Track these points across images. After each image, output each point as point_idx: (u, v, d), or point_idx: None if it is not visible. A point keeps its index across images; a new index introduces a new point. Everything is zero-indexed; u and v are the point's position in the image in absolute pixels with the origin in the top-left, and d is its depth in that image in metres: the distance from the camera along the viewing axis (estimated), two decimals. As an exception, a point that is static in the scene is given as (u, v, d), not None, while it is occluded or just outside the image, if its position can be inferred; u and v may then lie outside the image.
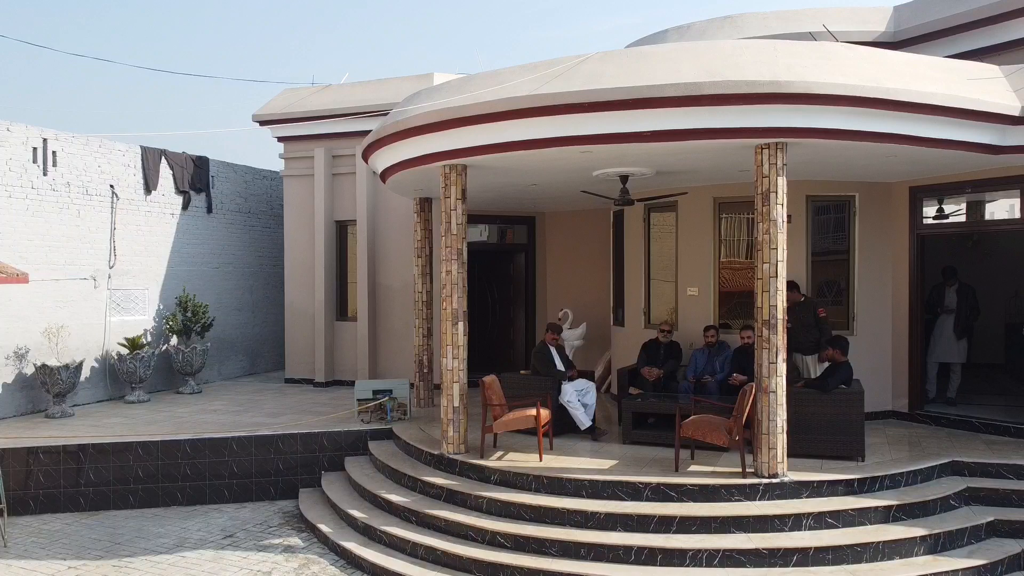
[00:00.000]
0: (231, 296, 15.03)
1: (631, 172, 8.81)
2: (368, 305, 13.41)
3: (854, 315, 9.80)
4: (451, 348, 8.33)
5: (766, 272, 7.14)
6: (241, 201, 15.30)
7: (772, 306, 7.12)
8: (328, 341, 13.74)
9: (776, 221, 7.12)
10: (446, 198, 8.34)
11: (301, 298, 14.08)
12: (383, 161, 9.19)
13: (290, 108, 13.87)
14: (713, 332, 9.63)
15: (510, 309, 14.15)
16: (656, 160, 8.18)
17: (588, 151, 7.53)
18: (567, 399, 9.08)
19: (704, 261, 10.18)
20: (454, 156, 8.02)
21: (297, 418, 10.79)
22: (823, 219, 9.99)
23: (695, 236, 10.26)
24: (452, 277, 8.32)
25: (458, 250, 8.33)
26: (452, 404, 8.33)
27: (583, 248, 13.48)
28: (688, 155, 7.82)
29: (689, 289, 10.36)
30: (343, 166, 13.74)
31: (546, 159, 7.99)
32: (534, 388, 9.09)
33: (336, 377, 13.83)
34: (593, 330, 12.76)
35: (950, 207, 9.70)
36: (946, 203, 9.62)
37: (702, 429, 7.50)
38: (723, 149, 7.40)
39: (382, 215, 13.55)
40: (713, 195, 10.08)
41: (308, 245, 13.97)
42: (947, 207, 9.64)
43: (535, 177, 9.38)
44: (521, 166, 8.47)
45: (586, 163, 8.32)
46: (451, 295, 8.33)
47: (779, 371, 7.14)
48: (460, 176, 8.31)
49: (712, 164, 8.42)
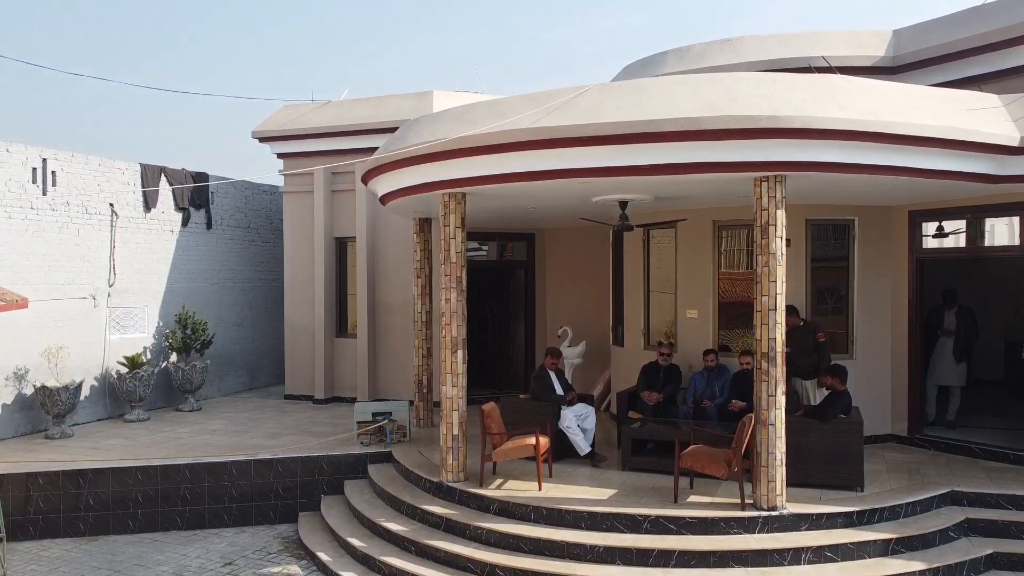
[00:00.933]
0: (231, 312, 15.04)
1: (630, 198, 8.81)
2: (368, 322, 13.42)
3: (853, 338, 9.81)
4: (450, 376, 8.34)
5: (765, 304, 7.15)
6: (241, 216, 15.31)
7: (771, 339, 7.13)
8: (328, 358, 13.74)
9: (775, 254, 7.12)
10: (445, 226, 8.34)
11: (301, 314, 14.09)
12: (383, 187, 9.19)
13: (289, 125, 13.88)
14: (713, 356, 9.63)
15: (509, 325, 14.17)
16: (655, 188, 8.18)
17: (587, 183, 7.54)
18: (566, 424, 9.08)
19: (703, 283, 10.19)
20: (454, 185, 8.03)
21: (297, 439, 10.80)
22: (822, 242, 10.00)
23: (694, 258, 10.26)
24: (451, 305, 8.32)
25: (457, 278, 8.33)
26: (451, 432, 8.34)
27: (583, 265, 13.48)
28: (687, 185, 7.82)
29: (689, 312, 10.36)
30: (343, 183, 13.75)
31: (545, 188, 7.99)
32: (533, 413, 9.10)
33: (336, 394, 13.83)
34: (592, 347, 12.77)
35: (949, 231, 9.70)
36: (945, 227, 9.62)
37: (701, 460, 7.51)
38: (722, 180, 7.41)
39: (382, 232, 13.55)
40: (712, 218, 10.09)
41: (307, 262, 13.98)
42: (946, 231, 9.64)
43: (534, 202, 9.38)
44: (520, 193, 8.47)
45: (585, 191, 8.33)
46: (450, 323, 8.33)
47: (778, 403, 7.15)
48: (460, 204, 8.32)
49: (711, 192, 8.43)
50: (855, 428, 7.88)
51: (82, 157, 12.12)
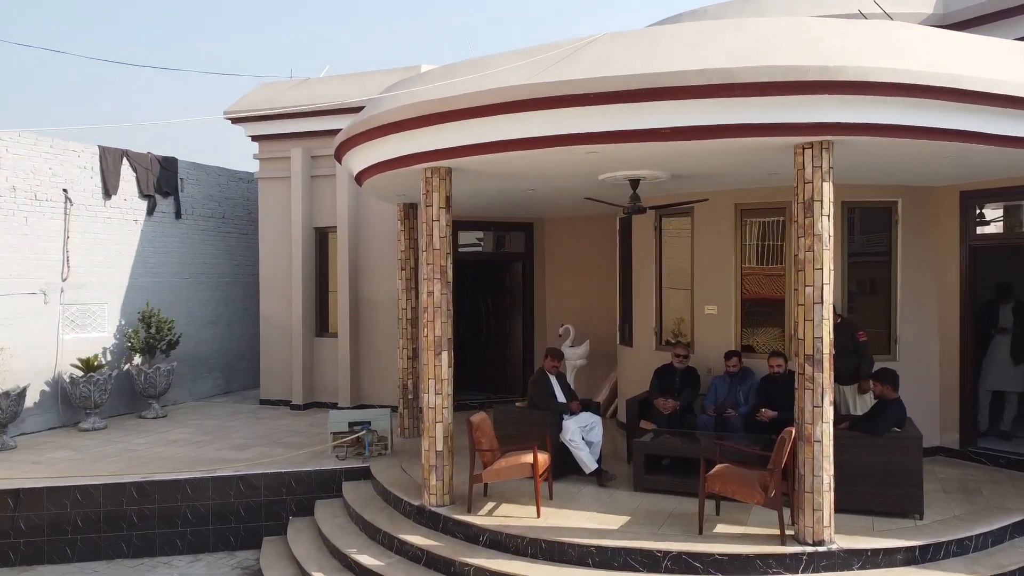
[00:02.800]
0: (204, 309, 13.82)
1: (642, 176, 7.61)
2: (350, 320, 12.21)
3: (896, 338, 8.59)
4: (434, 382, 7.12)
5: (809, 297, 5.93)
6: (215, 205, 14.09)
7: (817, 338, 5.91)
8: (306, 360, 12.53)
9: (822, 236, 5.91)
10: (427, 206, 7.13)
11: (277, 312, 12.87)
12: (357, 162, 7.98)
13: (265, 104, 12.66)
14: (736, 360, 8.43)
15: (506, 323, 12.95)
16: (673, 162, 6.97)
17: (594, 152, 6.33)
18: (569, 438, 7.87)
19: (724, 275, 8.97)
20: (436, 157, 6.81)
21: (266, 451, 9.60)
22: (860, 228, 8.78)
23: (714, 247, 9.05)
24: (435, 299, 7.11)
25: (442, 267, 7.12)
26: (435, 448, 7.12)
27: (586, 257, 12.27)
28: (712, 156, 6.61)
29: (707, 307, 9.15)
30: (323, 167, 12.54)
31: (544, 161, 6.79)
32: (531, 424, 7.90)
33: (316, 399, 12.62)
34: (597, 347, 11.56)
35: (1008, 214, 8.50)
36: (1003, 210, 8.40)
37: (731, 484, 6.29)
38: (756, 149, 6.19)
39: (366, 221, 12.34)
40: (735, 201, 8.87)
41: (284, 254, 12.76)
42: (1004, 214, 8.43)
43: (532, 182, 8.17)
44: (515, 169, 7.26)
45: (591, 166, 7.12)
46: (434, 320, 7.11)
47: (825, 415, 5.94)
48: (444, 181, 7.11)
49: (739, 166, 7.22)
50: (912, 444, 6.67)
51: (31, 138, 10.91)
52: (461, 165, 6.97)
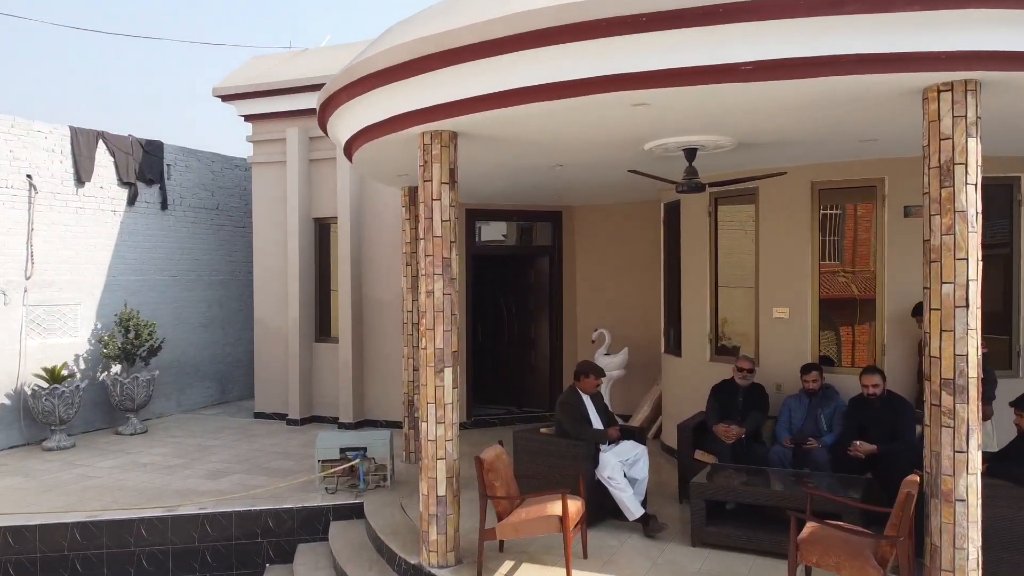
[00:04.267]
0: (194, 310, 12.41)
1: (701, 144, 5.97)
2: (353, 323, 10.69)
3: (1019, 349, 6.84)
4: (434, 407, 5.54)
5: (947, 299, 4.25)
6: (207, 195, 12.67)
7: (959, 356, 4.23)
8: (304, 368, 11.04)
9: (966, 213, 4.23)
10: (426, 181, 5.55)
11: (272, 314, 11.41)
12: (343, 128, 6.44)
13: (258, 79, 11.20)
14: (817, 376, 6.75)
15: (531, 327, 11.34)
16: (745, 121, 5.32)
17: (643, 103, 4.70)
18: (608, 475, 6.26)
19: (798, 271, 7.30)
20: (436, 116, 5.23)
21: (246, 480, 8.12)
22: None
23: (785, 236, 7.37)
24: (436, 301, 5.53)
25: (444, 260, 5.53)
26: (435, 492, 5.54)
27: (624, 250, 10.62)
28: (801, 110, 4.94)
29: (776, 310, 7.47)
30: (322, 149, 11.04)
31: (576, 122, 5.19)
32: (559, 458, 6.30)
33: (315, 413, 11.13)
34: (637, 355, 9.94)
35: None
36: None
37: (834, 554, 4.61)
38: (868, 96, 4.52)
39: (371, 210, 10.81)
40: (811, 179, 7.19)
41: (280, 248, 11.29)
42: None
43: (560, 154, 6.56)
44: (538, 134, 5.66)
45: (635, 128, 5.50)
46: (434, 328, 5.53)
47: (972, 465, 4.26)
48: (447, 149, 5.52)
49: (830, 127, 5.54)
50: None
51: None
52: (468, 127, 5.39)
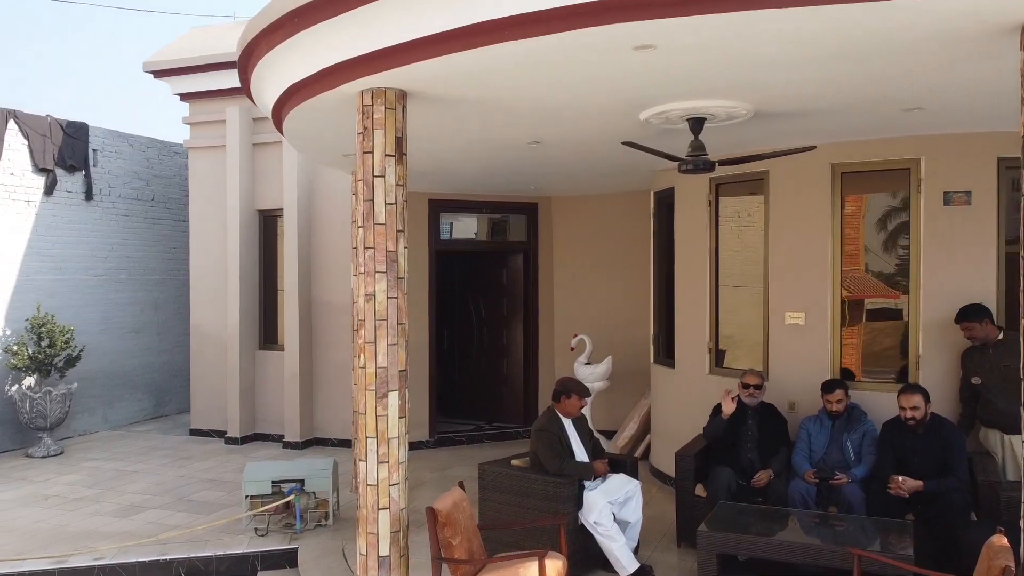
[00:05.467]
0: (125, 314, 11.06)
1: (712, 111, 4.84)
2: (301, 329, 9.43)
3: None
4: (374, 443, 4.32)
5: (1062, 305, 3.15)
6: (141, 185, 11.33)
7: (1079, 383, 3.13)
8: (246, 379, 9.76)
9: (1089, 188, 3.12)
10: (366, 153, 4.35)
11: (210, 319, 10.11)
12: (267, 88, 5.20)
13: (196, 52, 9.91)
14: (842, 395, 5.64)
15: (503, 333, 10.16)
16: (769, 78, 4.18)
17: (647, 46, 3.55)
18: (594, 519, 5.09)
19: (815, 269, 6.19)
20: (378, 66, 4.02)
21: (165, 517, 6.86)
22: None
23: (799, 227, 6.27)
24: (377, 307, 4.32)
25: (389, 253, 4.33)
26: (376, 553, 4.32)
27: (608, 246, 9.49)
28: (842, 59, 3.82)
29: (790, 315, 6.35)
30: (268, 131, 9.71)
31: (557, 77, 4.02)
32: (535, 498, 5.13)
33: (258, 430, 9.86)
34: (622, 365, 8.80)
35: None
36: None
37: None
38: (949, 32, 3.41)
39: (323, 201, 9.56)
40: (832, 160, 6.09)
41: (220, 244, 9.99)
42: None
43: (538, 125, 5.39)
44: (510, 95, 4.48)
45: (632, 88, 4.35)
46: (375, 341, 4.32)
47: (1094, 531, 3.15)
48: (393, 111, 4.31)
49: (875, 84, 4.43)
50: None
51: None
52: (420, 84, 4.19)
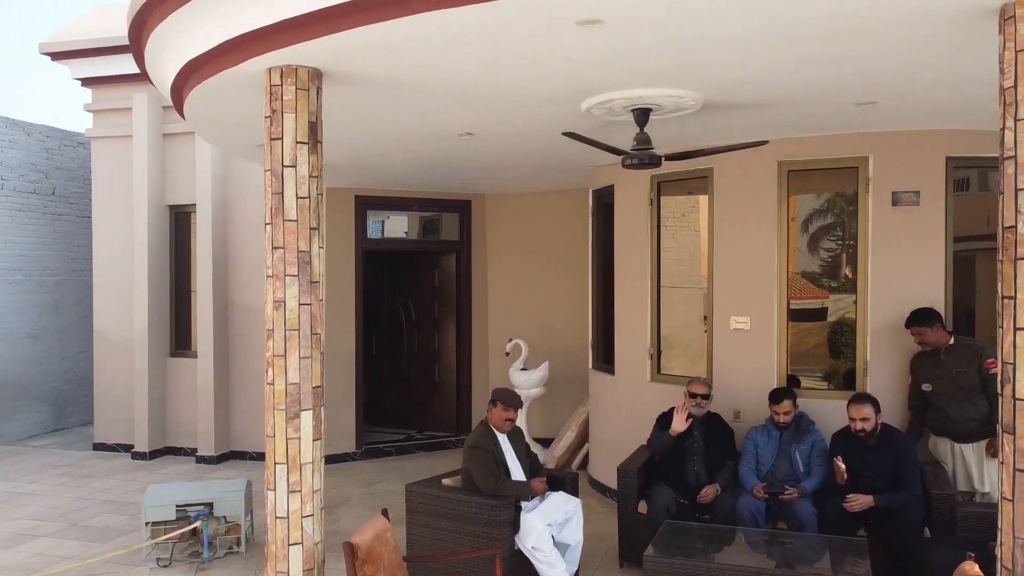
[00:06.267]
0: (22, 318, 10.14)
1: (658, 101, 4.48)
2: (216, 334, 8.74)
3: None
4: (284, 471, 3.80)
5: (1045, 313, 2.86)
6: (39, 177, 10.41)
7: (1064, 399, 2.85)
8: (155, 388, 9.01)
9: (1075, 185, 2.85)
10: (274, 140, 3.82)
11: (116, 323, 9.31)
12: (164, 66, 4.61)
13: (98, 33, 9.10)
14: (790, 405, 5.36)
15: (435, 337, 9.67)
16: (722, 62, 3.84)
17: (593, 20, 3.14)
18: (532, 544, 4.67)
19: (762, 273, 5.92)
20: (287, 38, 3.51)
21: (53, 545, 6.14)
22: (964, 198, 5.85)
23: (746, 229, 5.99)
24: (288, 315, 3.80)
25: (301, 254, 3.82)
26: (286, 595, 3.80)
27: (545, 248, 9.10)
28: (806, 42, 3.50)
29: (735, 319, 6.07)
30: (180, 121, 8.97)
31: (490, 56, 3.59)
32: (468, 523, 4.68)
33: (169, 443, 9.12)
34: (560, 371, 8.43)
35: None
36: None
37: None
38: (924, 14, 3.11)
39: (239, 196, 8.88)
40: (779, 157, 5.82)
41: (127, 242, 9.20)
42: None
43: (469, 114, 4.94)
44: (437, 77, 4.03)
45: (573, 72, 3.95)
46: (285, 355, 3.80)
47: (1079, 561, 2.88)
48: (305, 92, 3.80)
49: (830, 73, 4.14)
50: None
51: None
52: (336, 61, 3.69)
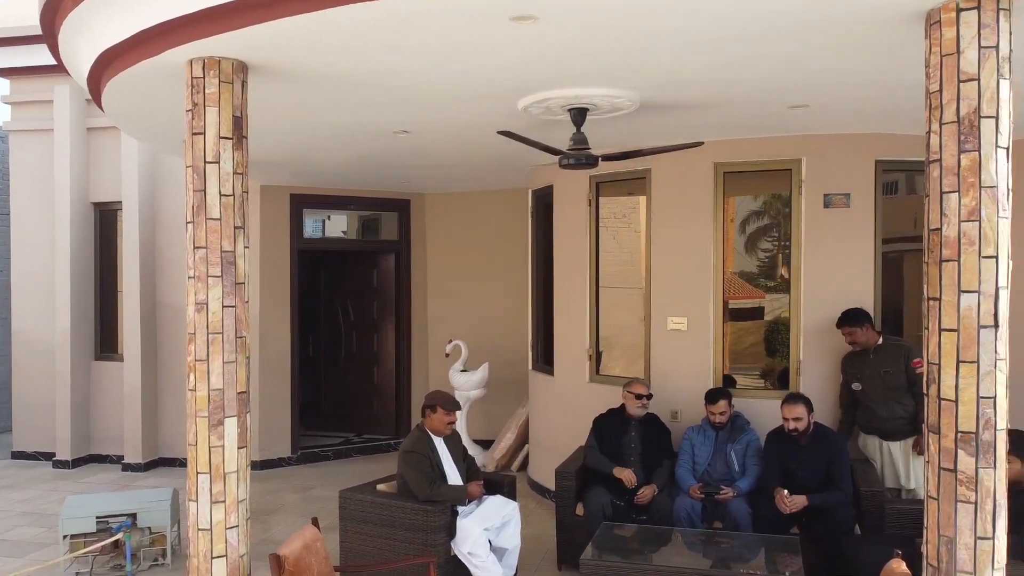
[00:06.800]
0: (-68, 320, 9.62)
1: (595, 100, 4.45)
2: (143, 337, 8.42)
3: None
4: (207, 481, 3.64)
5: (968, 316, 2.91)
6: (-47, 171, 9.89)
7: (984, 399, 2.91)
8: (78, 393, 8.64)
9: (996, 191, 2.91)
10: (196, 135, 3.65)
11: (36, 324, 8.88)
12: (79, 56, 4.38)
13: (16, 21, 8.67)
14: (725, 406, 5.40)
15: (374, 338, 9.51)
16: (660, 62, 3.83)
17: (527, 16, 3.08)
18: (468, 549, 4.59)
19: (698, 274, 5.96)
20: (209, 27, 3.35)
21: (-36, 561, 5.80)
22: (894, 200, 5.99)
23: (682, 230, 6.02)
24: (211, 318, 3.64)
25: (225, 254, 3.66)
26: (209, 611, 3.64)
27: (485, 248, 9.03)
28: (742, 41, 3.51)
29: (672, 320, 6.10)
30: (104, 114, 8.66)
31: (422, 50, 3.50)
32: (403, 529, 4.58)
33: (93, 451, 8.75)
34: (501, 372, 8.37)
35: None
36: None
37: None
38: (851, 17, 3.13)
39: (167, 194, 8.56)
40: (715, 159, 5.87)
41: (47, 240, 8.79)
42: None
43: (404, 111, 4.84)
44: (368, 70, 3.92)
45: (507, 70, 3.89)
46: (208, 359, 3.64)
47: (997, 559, 2.94)
48: (229, 85, 3.64)
49: (764, 76, 4.17)
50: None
51: None
52: (262, 54, 3.55)
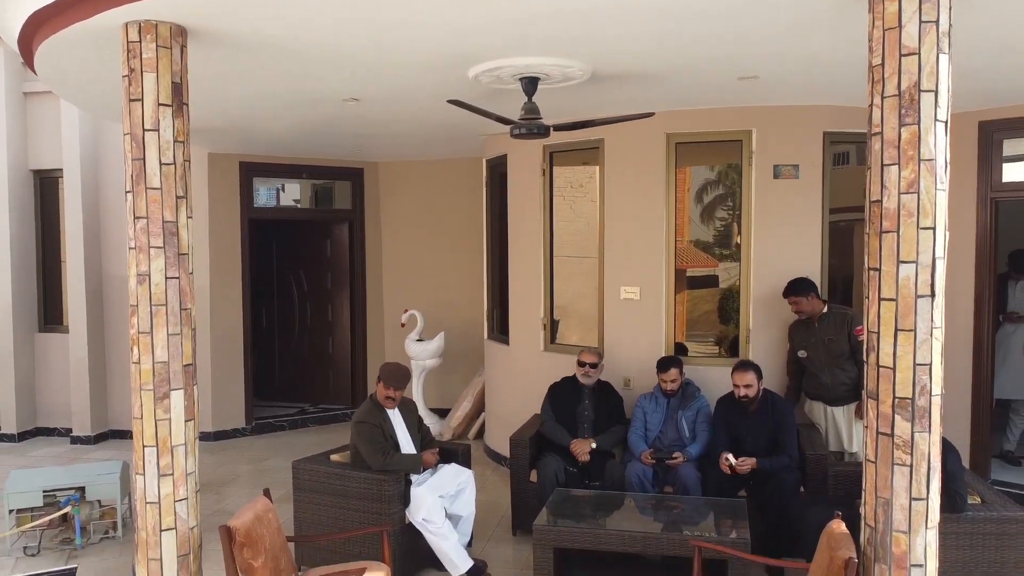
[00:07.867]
0: None
1: (546, 70, 4.42)
2: (89, 307, 8.21)
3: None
4: (154, 453, 3.59)
5: (905, 285, 3.00)
6: None
7: (920, 366, 3.01)
8: (22, 366, 8.42)
9: (934, 163, 2.98)
10: (134, 101, 3.53)
11: (-25, 296, 8.62)
12: (9, 16, 4.16)
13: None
14: (676, 374, 5.48)
15: (328, 308, 9.42)
16: (610, 32, 3.81)
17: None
18: (423, 517, 4.62)
19: (650, 243, 6.01)
20: (142, -7, 3.24)
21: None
22: (842, 172, 6.08)
23: (635, 200, 6.05)
24: (153, 289, 3.56)
25: (167, 225, 3.57)
26: (158, 586, 3.62)
27: (440, 217, 8.97)
28: (691, 16, 3.50)
29: (625, 289, 6.15)
30: (42, 79, 8.33)
31: (369, 15, 3.42)
32: (357, 499, 4.60)
33: (40, 424, 8.56)
34: (457, 342, 8.40)
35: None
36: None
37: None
38: None
39: (111, 161, 8.29)
40: (666, 130, 5.89)
41: (-15, 209, 8.50)
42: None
43: (352, 79, 4.74)
44: (316, 36, 3.82)
45: (455, 40, 3.83)
46: (151, 332, 3.57)
47: (931, 519, 3.06)
48: (167, 51, 3.53)
49: (713, 47, 4.18)
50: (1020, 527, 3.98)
51: None
52: (200, 16, 3.44)
